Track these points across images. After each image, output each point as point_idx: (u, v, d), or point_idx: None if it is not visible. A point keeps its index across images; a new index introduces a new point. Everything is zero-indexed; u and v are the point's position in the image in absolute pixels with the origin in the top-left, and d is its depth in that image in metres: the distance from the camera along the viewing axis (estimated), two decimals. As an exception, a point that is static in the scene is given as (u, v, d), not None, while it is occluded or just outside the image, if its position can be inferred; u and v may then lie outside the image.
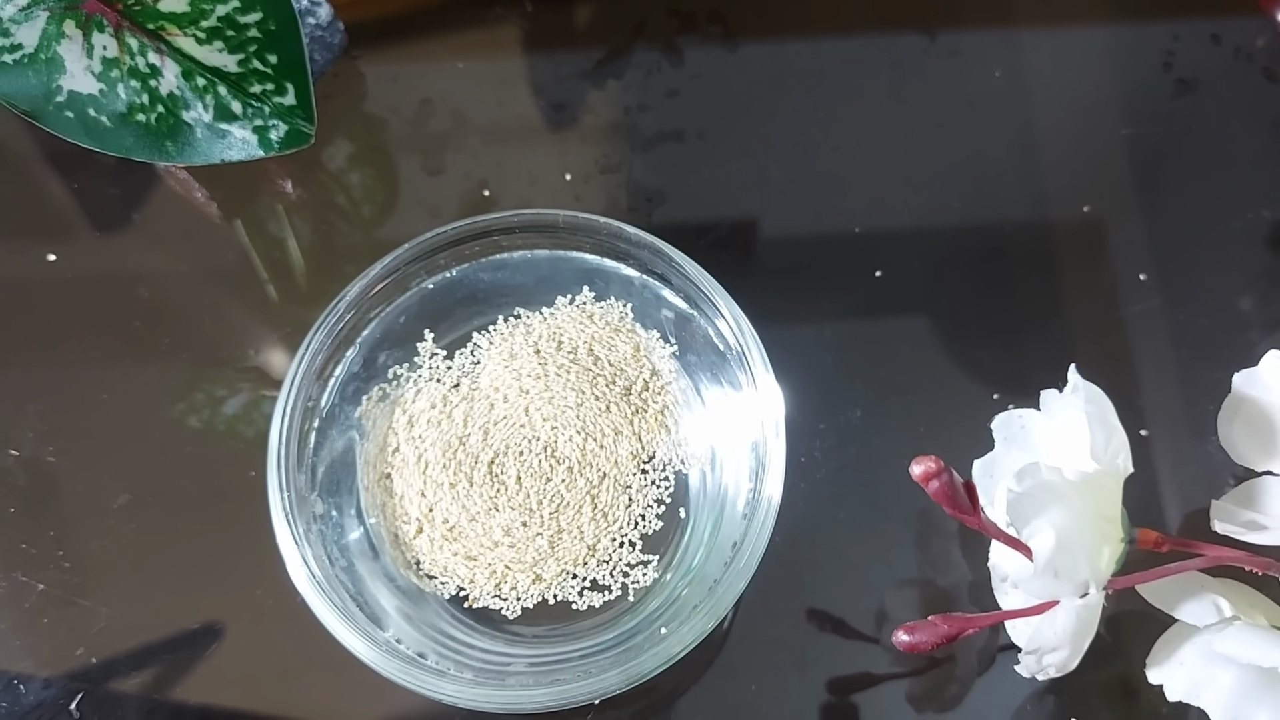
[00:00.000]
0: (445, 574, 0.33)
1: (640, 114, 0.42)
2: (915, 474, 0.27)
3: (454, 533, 0.33)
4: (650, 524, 0.33)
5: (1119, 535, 0.29)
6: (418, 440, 0.34)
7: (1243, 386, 0.31)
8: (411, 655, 0.31)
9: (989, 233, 0.40)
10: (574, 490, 0.33)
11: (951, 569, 0.35)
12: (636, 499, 0.33)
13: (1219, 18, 0.44)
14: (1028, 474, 0.28)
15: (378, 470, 0.34)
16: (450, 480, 0.33)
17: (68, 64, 0.33)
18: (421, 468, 0.33)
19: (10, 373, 0.38)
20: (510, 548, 0.33)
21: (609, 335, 0.35)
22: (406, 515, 0.33)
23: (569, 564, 0.33)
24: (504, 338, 0.35)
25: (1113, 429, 0.30)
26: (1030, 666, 0.29)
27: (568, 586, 0.33)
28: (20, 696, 0.33)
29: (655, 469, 0.34)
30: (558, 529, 0.33)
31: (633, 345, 0.35)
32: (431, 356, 0.35)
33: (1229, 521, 0.31)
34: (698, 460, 0.34)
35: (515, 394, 0.34)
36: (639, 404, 0.34)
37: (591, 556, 0.33)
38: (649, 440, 0.34)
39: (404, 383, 0.35)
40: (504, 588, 0.33)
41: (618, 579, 0.33)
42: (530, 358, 0.34)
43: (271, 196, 0.41)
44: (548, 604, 0.32)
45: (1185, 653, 0.29)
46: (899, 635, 0.29)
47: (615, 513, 0.33)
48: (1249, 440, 0.31)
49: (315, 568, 0.31)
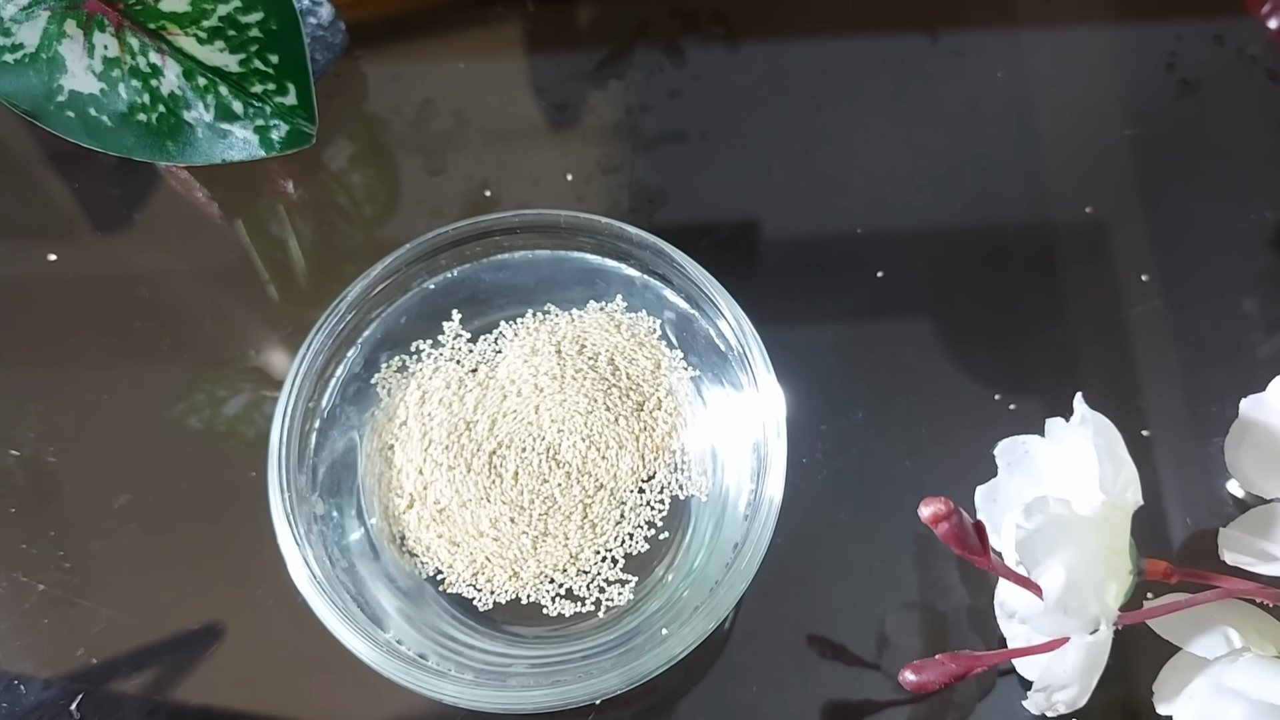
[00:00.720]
0: (427, 554, 0.33)
1: (642, 114, 0.42)
2: (924, 516, 0.26)
3: (442, 515, 0.33)
4: (637, 544, 0.33)
5: (1128, 568, 0.29)
6: (426, 417, 0.34)
7: (1250, 412, 0.31)
8: (412, 656, 0.30)
9: (991, 233, 0.40)
10: (568, 496, 0.33)
11: (954, 572, 0.35)
12: (629, 516, 0.33)
13: (1222, 19, 0.44)
14: (1037, 509, 0.27)
15: (382, 439, 0.34)
16: (449, 462, 0.33)
17: (69, 63, 0.33)
18: (424, 445, 0.34)
19: (11, 373, 0.38)
20: (494, 540, 0.33)
21: (633, 348, 0.35)
22: (400, 489, 0.33)
23: (548, 567, 0.32)
24: (530, 332, 0.35)
25: (1121, 461, 0.29)
26: (1039, 704, 0.29)
27: (543, 590, 0.32)
28: (20, 697, 0.33)
29: (652, 490, 0.34)
30: (544, 531, 0.33)
31: (654, 362, 0.35)
32: (456, 337, 0.35)
33: (1239, 551, 0.30)
34: (698, 490, 0.34)
35: (529, 390, 0.34)
36: (649, 421, 0.34)
37: (572, 565, 0.33)
38: (651, 460, 0.34)
39: (424, 358, 0.35)
40: (480, 578, 0.33)
41: (593, 593, 0.33)
42: (551, 356, 0.34)
43: (273, 196, 0.41)
44: (520, 602, 0.32)
45: (1195, 686, 0.29)
46: (906, 675, 0.29)
47: (604, 526, 0.33)
48: (1257, 466, 0.31)
49: (316, 568, 0.30)
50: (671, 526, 0.33)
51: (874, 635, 0.34)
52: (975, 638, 0.34)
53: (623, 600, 0.32)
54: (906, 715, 0.33)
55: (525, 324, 0.35)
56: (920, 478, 0.36)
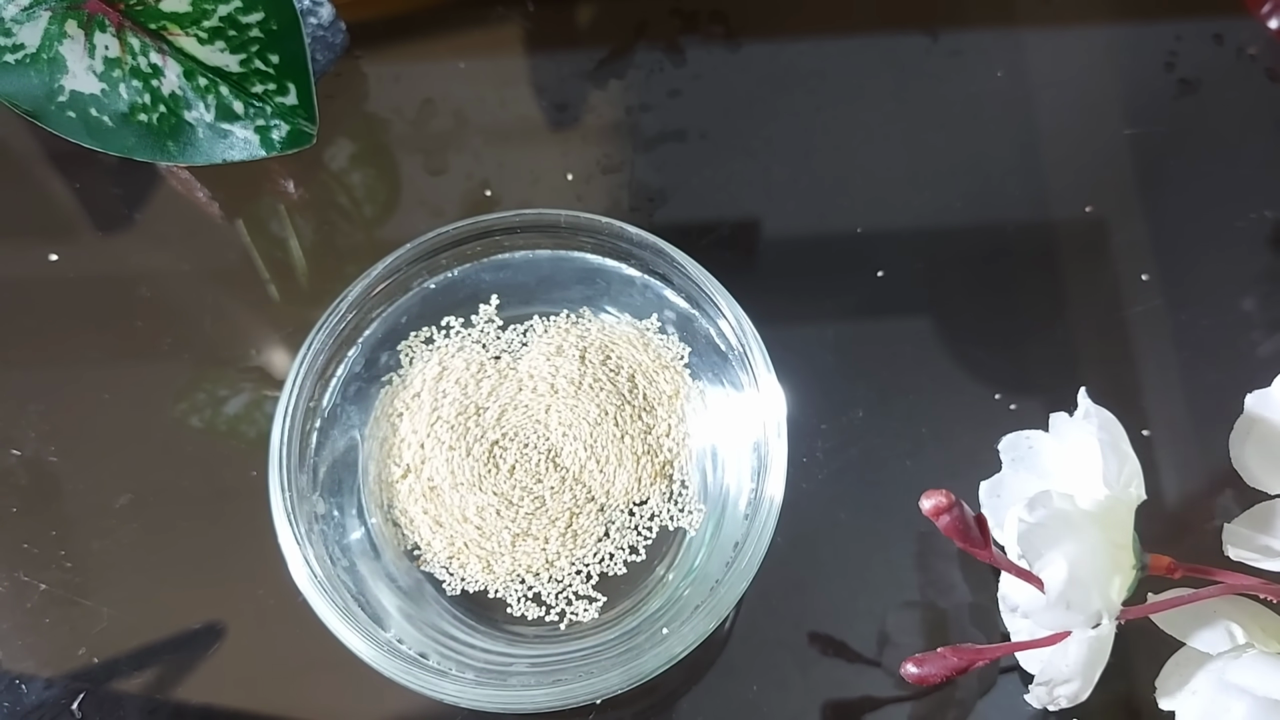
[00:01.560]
0: (410, 526, 0.33)
1: (642, 114, 0.42)
2: (926, 508, 0.26)
3: (433, 492, 0.33)
4: (615, 566, 0.33)
5: (1131, 563, 0.29)
6: (440, 394, 0.34)
7: (1255, 408, 0.31)
8: (413, 655, 0.31)
9: (991, 233, 0.40)
10: (557, 500, 0.33)
11: (955, 570, 0.35)
12: (613, 536, 0.33)
13: (1222, 18, 0.44)
14: (1039, 503, 0.27)
15: (393, 405, 0.34)
16: (451, 442, 0.33)
17: (70, 64, 0.33)
18: (432, 420, 0.34)
19: (12, 372, 0.38)
20: (477, 529, 0.33)
21: (656, 369, 0.35)
22: (399, 457, 0.34)
23: (522, 568, 0.33)
24: (560, 331, 0.35)
25: (1125, 456, 0.29)
26: (1041, 698, 0.29)
27: (512, 589, 0.32)
28: (22, 696, 0.33)
29: (643, 515, 0.33)
30: (525, 530, 0.33)
31: (674, 388, 0.34)
32: (488, 321, 0.35)
33: (1242, 547, 0.30)
34: (690, 524, 0.33)
35: (545, 389, 0.34)
36: (653, 446, 0.34)
37: (546, 570, 0.33)
38: (648, 484, 0.33)
39: (452, 335, 0.35)
40: (454, 563, 0.33)
41: (559, 603, 0.32)
42: (574, 360, 0.34)
43: (273, 196, 0.41)
44: (486, 596, 0.32)
45: (1198, 681, 0.29)
46: (908, 668, 0.29)
47: (586, 539, 0.33)
48: (1261, 462, 0.31)
49: (317, 568, 0.31)
50: (654, 555, 0.33)
51: (875, 633, 0.34)
52: (977, 635, 0.34)
53: (587, 618, 0.32)
54: (908, 713, 0.33)
55: (557, 322, 0.35)
56: (920, 477, 0.36)
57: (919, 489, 0.27)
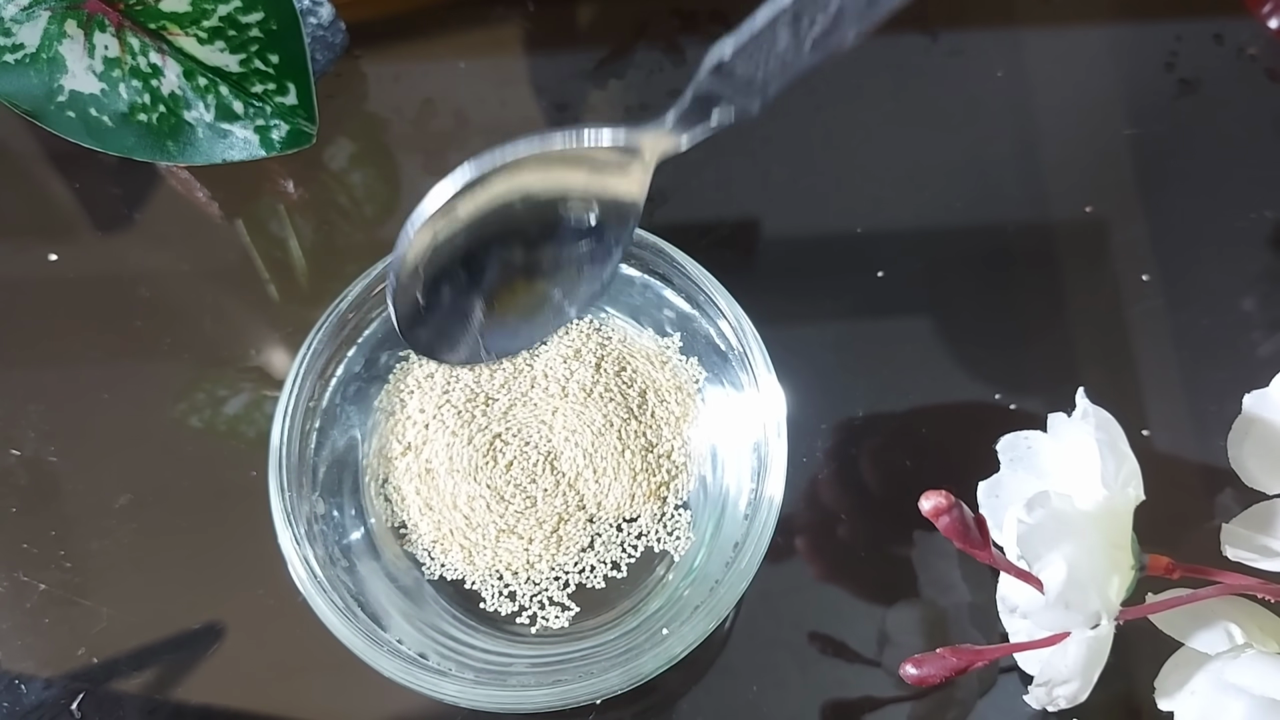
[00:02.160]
0: (400, 505, 0.33)
1: (642, 114, 0.42)
2: (925, 509, 0.26)
3: (429, 475, 0.33)
4: (595, 580, 0.33)
5: (1129, 563, 0.29)
6: (453, 378, 0.34)
7: (1253, 408, 0.30)
8: (413, 655, 0.30)
9: (991, 233, 0.40)
10: (548, 504, 0.33)
11: (954, 570, 0.35)
12: (598, 548, 0.33)
13: (1222, 18, 0.44)
14: (1038, 504, 0.27)
15: (406, 383, 0.34)
16: (455, 428, 0.33)
17: (69, 63, 0.33)
18: (440, 403, 0.34)
19: (12, 372, 0.38)
20: (465, 518, 0.33)
21: (669, 390, 0.34)
22: (403, 434, 0.34)
23: (501, 564, 0.33)
24: (581, 335, 0.35)
25: (1123, 456, 0.29)
26: (1040, 699, 0.29)
27: (489, 582, 0.33)
28: (21, 696, 0.33)
29: (630, 532, 0.33)
30: (511, 528, 0.33)
31: (684, 410, 0.34)
32: None
33: (1241, 547, 0.30)
34: (675, 549, 0.33)
35: (556, 390, 0.34)
36: (652, 465, 0.34)
37: (525, 570, 0.33)
38: (640, 503, 0.33)
39: None
40: (437, 548, 0.33)
41: (533, 605, 0.32)
42: (590, 366, 0.34)
43: (273, 196, 0.41)
44: (463, 585, 0.33)
45: (1197, 681, 0.29)
46: (907, 669, 0.29)
47: (569, 547, 0.33)
48: (1260, 462, 0.30)
49: (317, 568, 0.31)
50: (637, 574, 0.33)
51: (874, 634, 0.34)
52: (976, 635, 0.34)
53: (558, 625, 0.32)
54: (907, 713, 0.33)
55: (580, 326, 0.35)
56: (920, 477, 0.36)
57: (919, 489, 0.27)
